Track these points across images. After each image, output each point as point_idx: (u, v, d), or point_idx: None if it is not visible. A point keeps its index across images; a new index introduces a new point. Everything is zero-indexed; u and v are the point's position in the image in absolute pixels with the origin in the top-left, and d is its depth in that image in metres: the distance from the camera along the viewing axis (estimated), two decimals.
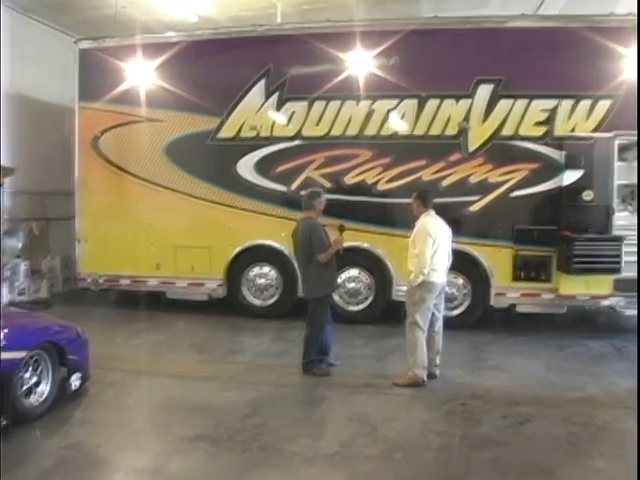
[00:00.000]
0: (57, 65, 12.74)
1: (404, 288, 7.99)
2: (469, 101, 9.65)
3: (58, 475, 5.02)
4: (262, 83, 10.38)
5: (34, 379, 6.14)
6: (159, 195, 10.98)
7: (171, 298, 11.22)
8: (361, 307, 10.34)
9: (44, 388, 6.22)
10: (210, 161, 10.89)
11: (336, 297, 9.77)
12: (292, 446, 5.53)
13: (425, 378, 7.12)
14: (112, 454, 5.43)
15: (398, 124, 10.03)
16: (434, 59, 9.65)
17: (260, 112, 10.45)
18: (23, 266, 11.59)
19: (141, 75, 10.93)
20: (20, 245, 10.91)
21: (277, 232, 10.25)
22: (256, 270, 10.80)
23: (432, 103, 9.78)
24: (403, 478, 4.99)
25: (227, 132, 10.61)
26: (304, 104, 10.24)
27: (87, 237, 11.54)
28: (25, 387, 6.00)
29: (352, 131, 10.12)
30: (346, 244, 7.89)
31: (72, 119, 11.72)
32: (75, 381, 6.60)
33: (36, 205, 12.87)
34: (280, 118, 10.43)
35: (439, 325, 7.39)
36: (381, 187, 10.03)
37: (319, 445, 5.58)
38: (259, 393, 6.92)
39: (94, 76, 11.23)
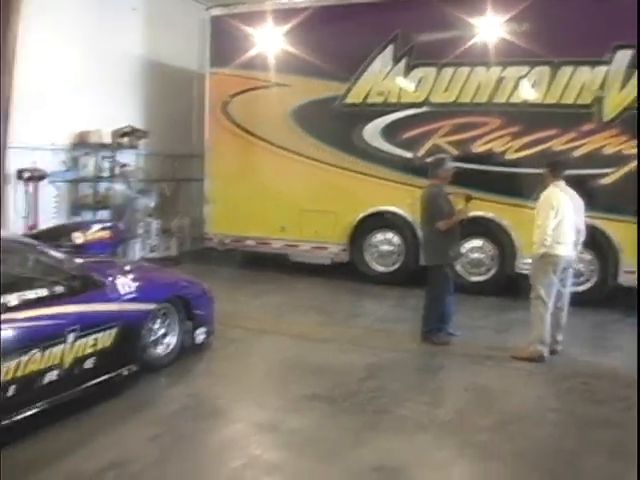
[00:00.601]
0: (186, 32, 13.11)
1: (529, 261, 7.81)
2: (605, 68, 9.18)
3: (180, 420, 5.29)
4: (390, 49, 10.30)
5: (162, 330, 6.46)
6: (286, 159, 11.17)
7: (294, 261, 11.46)
8: (483, 278, 10.16)
9: (171, 340, 6.53)
10: (336, 126, 10.91)
11: (458, 267, 9.67)
12: (407, 411, 5.56)
13: (546, 354, 6.95)
14: (231, 406, 5.64)
15: (529, 92, 9.69)
16: (568, 24, 9.17)
17: (387, 78, 10.38)
18: (155, 225, 12.13)
19: (270, 41, 11.08)
20: (153, 205, 11.38)
21: (401, 199, 10.23)
22: (379, 236, 10.82)
23: (565, 70, 9.38)
24: (517, 451, 4.92)
25: (354, 98, 10.61)
26: (432, 70, 10.08)
27: (215, 198, 11.92)
28: (153, 338, 6.33)
29: (481, 98, 9.87)
30: (471, 214, 7.79)
31: (202, 84, 12.08)
32: (200, 335, 6.90)
33: (167, 167, 13.39)
34: (408, 84, 10.32)
35: (564, 301, 7.15)
36: (509, 156, 9.76)
37: (434, 412, 5.59)
38: (377, 357, 6.98)
39: (224, 42, 11.52)
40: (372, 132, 10.51)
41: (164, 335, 6.49)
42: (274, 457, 4.71)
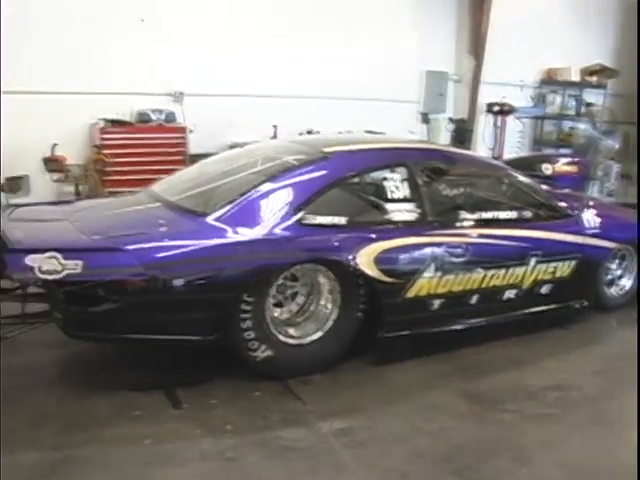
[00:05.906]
0: None
1: None
2: None
3: (625, 363, 5.07)
4: None
5: (618, 272, 6.35)
6: None
7: None
8: None
9: (626, 282, 6.38)
10: None
11: None
12: None
13: None
14: None
15: None
16: None
17: None
18: (615, 168, 11.72)
19: None
20: (617, 147, 11.06)
21: None
22: None
23: None
24: None
25: None
26: None
27: None
28: (609, 277, 6.27)
29: None
30: None
31: None
32: None
33: (634, 108, 12.75)
34: None
35: None
36: None
37: None
38: None
39: None
40: None
41: (620, 277, 6.38)
42: None
